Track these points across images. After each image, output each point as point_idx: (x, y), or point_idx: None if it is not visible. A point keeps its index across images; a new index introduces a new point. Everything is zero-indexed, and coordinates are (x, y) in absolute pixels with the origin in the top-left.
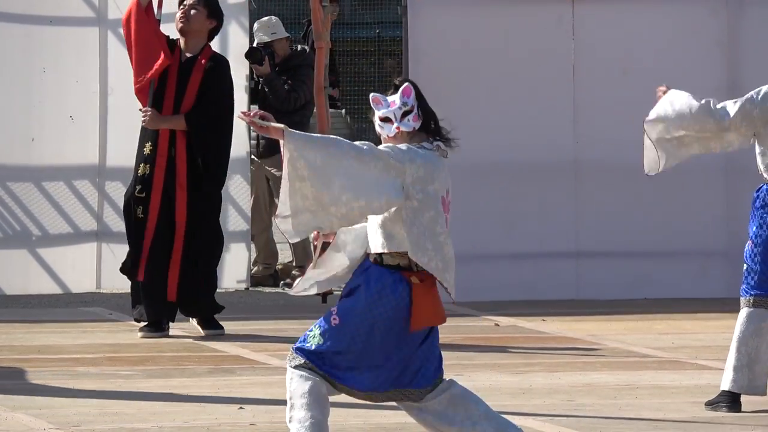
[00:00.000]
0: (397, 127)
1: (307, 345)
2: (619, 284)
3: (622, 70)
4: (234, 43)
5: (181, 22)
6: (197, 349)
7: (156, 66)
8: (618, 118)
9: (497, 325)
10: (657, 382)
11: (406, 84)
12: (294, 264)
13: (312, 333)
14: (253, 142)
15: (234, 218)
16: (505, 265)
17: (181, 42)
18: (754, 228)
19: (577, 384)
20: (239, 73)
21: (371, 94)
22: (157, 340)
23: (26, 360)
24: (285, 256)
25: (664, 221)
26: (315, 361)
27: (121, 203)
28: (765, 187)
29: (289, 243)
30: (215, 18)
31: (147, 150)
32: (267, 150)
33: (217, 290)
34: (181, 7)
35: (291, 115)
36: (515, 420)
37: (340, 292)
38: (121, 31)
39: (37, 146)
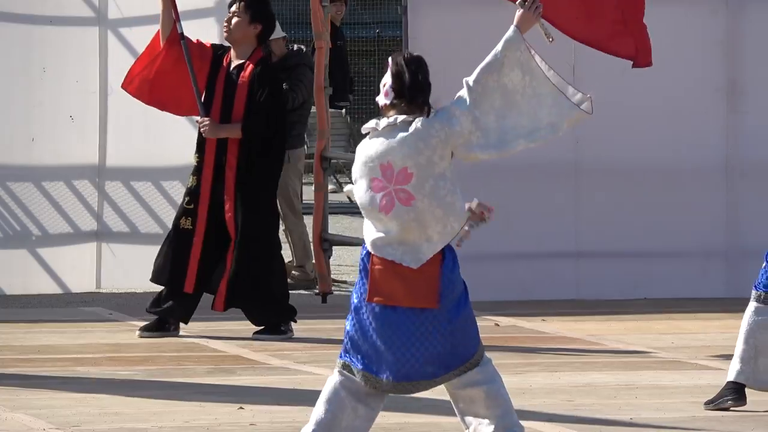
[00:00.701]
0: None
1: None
2: (619, 284)
3: (622, 70)
4: None
5: (225, 31)
6: (197, 349)
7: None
8: (618, 118)
9: (497, 325)
10: (657, 382)
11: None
12: (294, 264)
13: None
14: None
15: None
16: (504, 265)
17: (232, 49)
18: None
19: (577, 384)
20: None
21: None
22: (157, 340)
23: (26, 360)
24: (285, 256)
25: (664, 221)
26: (342, 355)
27: (120, 203)
28: None
29: (289, 243)
30: (259, 22)
31: (195, 161)
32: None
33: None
34: (229, 14)
35: (288, 114)
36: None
37: (340, 292)
38: (121, 30)
39: (37, 146)
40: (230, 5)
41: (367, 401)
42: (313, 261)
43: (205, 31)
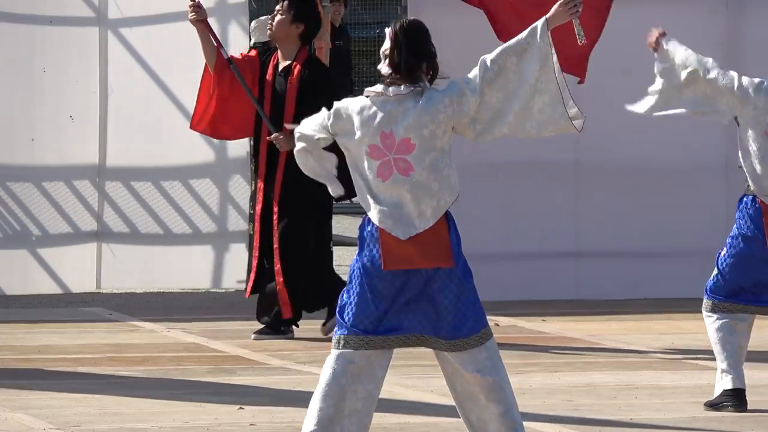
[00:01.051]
0: None
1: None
2: (619, 284)
3: (622, 70)
4: (234, 43)
5: (269, 29)
6: (197, 349)
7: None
8: (618, 118)
9: (497, 325)
10: (657, 382)
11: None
12: None
13: None
14: (254, 142)
15: (234, 218)
16: (505, 265)
17: (279, 50)
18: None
19: (577, 384)
20: None
21: None
22: (157, 341)
23: (26, 360)
24: None
25: (664, 221)
26: (337, 332)
27: (120, 203)
28: (746, 199)
29: None
30: (302, 21)
31: (253, 165)
32: None
33: (217, 290)
34: (274, 12)
35: None
36: None
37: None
38: (122, 30)
39: (37, 146)
40: (277, 2)
41: (366, 379)
42: None
43: None
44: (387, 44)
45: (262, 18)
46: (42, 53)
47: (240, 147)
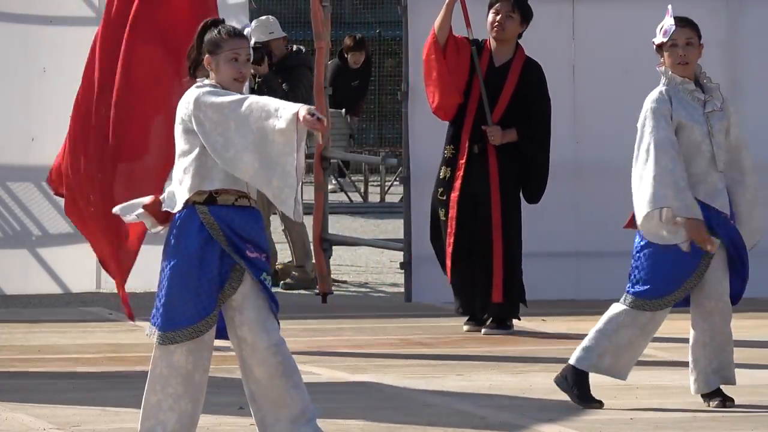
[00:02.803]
0: None
1: None
2: (619, 284)
3: (622, 70)
4: None
5: (496, 30)
6: None
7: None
8: (618, 118)
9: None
10: (657, 382)
11: None
12: (294, 264)
13: None
14: None
15: None
16: None
17: (492, 45)
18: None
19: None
20: None
21: None
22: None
23: (26, 360)
24: (284, 256)
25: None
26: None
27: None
28: None
29: (289, 243)
30: (526, 22)
31: (448, 153)
32: None
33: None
34: (493, 11)
35: None
36: (515, 420)
37: (340, 292)
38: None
39: (37, 146)
40: (493, 3)
41: None
42: (313, 261)
43: None
44: None
45: (261, 18)
46: (42, 53)
47: None
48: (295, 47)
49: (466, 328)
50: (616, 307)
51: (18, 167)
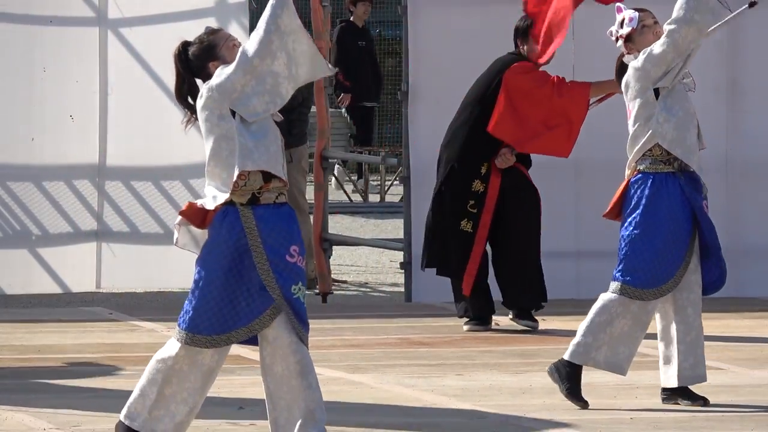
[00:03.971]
0: None
1: None
2: None
3: None
4: None
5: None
6: None
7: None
8: (618, 117)
9: (497, 325)
10: (657, 382)
11: None
12: None
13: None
14: None
15: None
16: None
17: None
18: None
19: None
20: None
21: None
22: (157, 340)
23: (26, 360)
24: None
25: None
26: None
27: (120, 203)
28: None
29: None
30: None
31: (483, 169)
32: None
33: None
34: None
35: (288, 113)
36: (515, 420)
37: (340, 292)
38: (122, 30)
39: (37, 146)
40: None
41: None
42: (314, 260)
43: None
44: None
45: None
46: (42, 53)
47: None
48: None
49: (467, 327)
50: (606, 297)
51: (18, 167)
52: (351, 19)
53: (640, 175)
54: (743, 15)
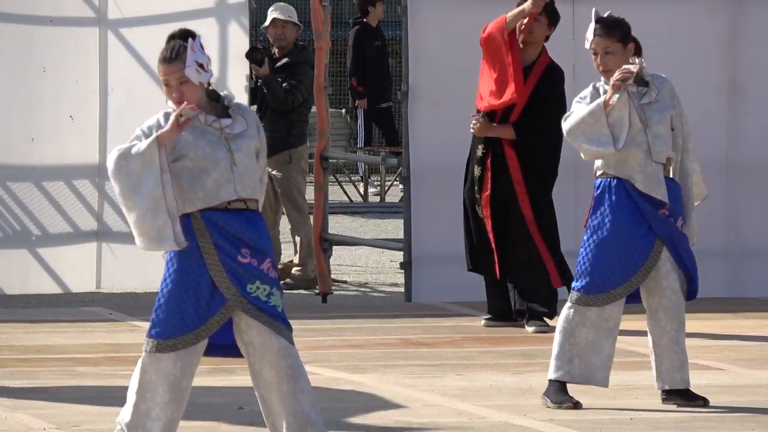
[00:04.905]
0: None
1: None
2: None
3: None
4: (234, 43)
5: (523, 33)
6: None
7: (504, 101)
8: None
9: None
10: None
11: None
12: (295, 263)
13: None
14: None
15: None
16: None
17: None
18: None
19: (576, 384)
20: (239, 72)
21: None
22: None
23: (26, 360)
24: (284, 256)
25: None
26: None
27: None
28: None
29: (294, 242)
30: (554, 25)
31: (479, 152)
32: (268, 150)
33: None
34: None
35: (288, 114)
36: (516, 420)
37: (340, 292)
38: (122, 31)
39: (37, 146)
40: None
41: None
42: (314, 260)
43: (206, 31)
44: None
45: (281, 3)
46: (42, 53)
47: None
48: (300, 43)
49: (483, 322)
50: (565, 307)
51: (18, 167)
52: (365, 19)
53: (596, 181)
54: (743, 15)
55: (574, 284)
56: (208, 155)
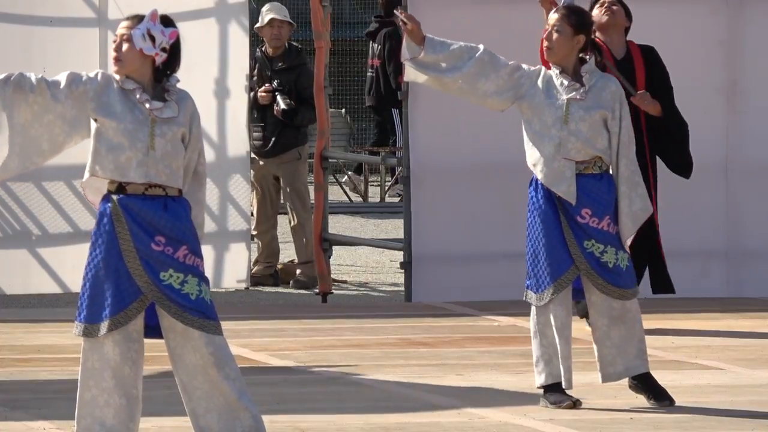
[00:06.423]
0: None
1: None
2: None
3: None
4: (234, 43)
5: (607, 16)
6: None
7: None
8: None
9: (497, 325)
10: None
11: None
12: (298, 262)
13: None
14: (259, 142)
15: (234, 218)
16: (505, 265)
17: (605, 41)
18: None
19: (577, 384)
20: (239, 72)
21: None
22: (155, 340)
23: (26, 360)
24: (285, 255)
25: (663, 221)
26: None
27: None
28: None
29: (295, 241)
30: (629, 19)
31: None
32: (273, 149)
33: (218, 289)
34: (598, 5)
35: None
36: (516, 420)
37: (340, 292)
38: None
39: None
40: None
41: None
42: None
43: (206, 31)
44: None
45: (275, 3)
46: (42, 53)
47: (240, 147)
48: (294, 44)
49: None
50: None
51: None
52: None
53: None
54: (743, 15)
55: (526, 284)
56: (129, 132)
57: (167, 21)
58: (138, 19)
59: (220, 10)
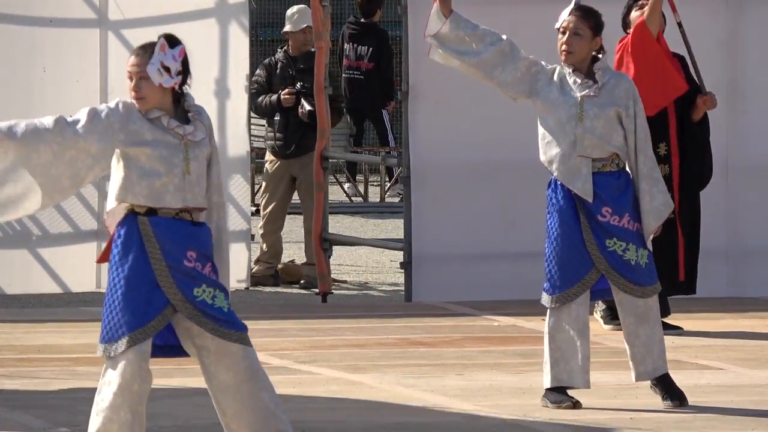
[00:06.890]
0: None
1: None
2: None
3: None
4: (234, 43)
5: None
6: None
7: (672, 94)
8: None
9: (497, 325)
10: None
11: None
12: (299, 263)
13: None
14: (280, 143)
15: (234, 218)
16: (505, 265)
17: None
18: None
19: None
20: (239, 73)
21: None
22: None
23: (26, 360)
24: (285, 255)
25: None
26: None
27: None
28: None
29: (306, 242)
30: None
31: (663, 150)
32: (296, 151)
33: None
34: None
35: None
36: (515, 420)
37: (340, 292)
38: (122, 31)
39: None
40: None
41: None
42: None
43: (206, 31)
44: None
45: (301, 6)
46: (42, 53)
47: (240, 147)
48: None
49: (609, 327)
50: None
51: None
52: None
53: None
54: (743, 15)
55: (543, 286)
56: (164, 158)
57: (172, 41)
58: (147, 52)
59: (220, 10)
